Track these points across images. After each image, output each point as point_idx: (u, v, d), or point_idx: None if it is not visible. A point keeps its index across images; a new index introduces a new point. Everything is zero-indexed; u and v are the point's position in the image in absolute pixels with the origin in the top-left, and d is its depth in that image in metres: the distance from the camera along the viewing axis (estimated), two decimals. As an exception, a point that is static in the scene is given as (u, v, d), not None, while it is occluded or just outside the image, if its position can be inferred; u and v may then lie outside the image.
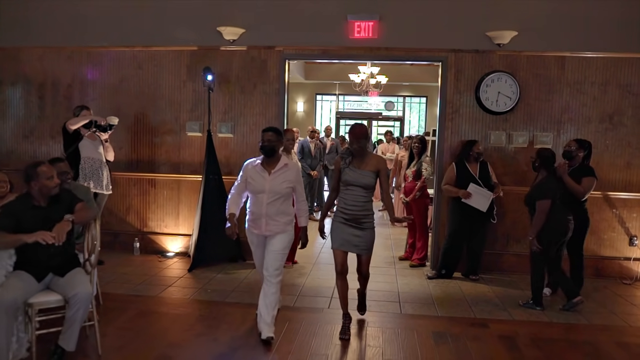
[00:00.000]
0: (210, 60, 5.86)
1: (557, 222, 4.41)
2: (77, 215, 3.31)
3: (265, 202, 3.70)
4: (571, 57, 5.52)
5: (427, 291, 5.01)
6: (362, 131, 3.73)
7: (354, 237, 3.73)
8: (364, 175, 3.68)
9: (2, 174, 4.26)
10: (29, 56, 6.27)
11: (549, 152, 4.57)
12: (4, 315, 2.96)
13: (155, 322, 4.05)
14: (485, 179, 5.20)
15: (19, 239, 3.12)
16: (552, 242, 4.43)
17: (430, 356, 3.53)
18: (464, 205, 5.14)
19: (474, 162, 5.23)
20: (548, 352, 3.68)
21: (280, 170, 3.75)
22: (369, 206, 3.78)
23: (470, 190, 5.13)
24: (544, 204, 4.35)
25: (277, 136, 3.78)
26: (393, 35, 5.65)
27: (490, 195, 5.14)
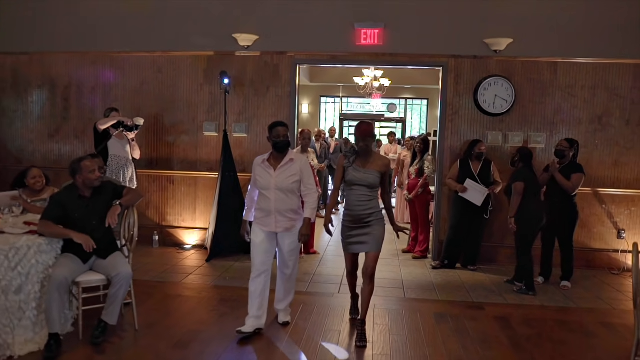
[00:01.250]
0: (226, 64, 6.27)
1: (533, 211, 4.90)
2: (126, 200, 3.72)
3: (273, 199, 3.69)
4: (563, 63, 5.93)
5: (428, 279, 5.41)
6: (369, 129, 3.64)
7: (361, 237, 3.67)
8: (369, 174, 3.61)
9: (37, 170, 4.66)
10: (55, 61, 6.68)
11: (527, 150, 5.13)
12: (56, 291, 3.36)
13: (181, 304, 4.45)
14: (485, 177, 5.59)
15: (67, 234, 3.51)
16: (529, 227, 4.91)
17: (432, 333, 3.93)
18: (462, 199, 5.56)
19: (475, 161, 5.63)
20: (538, 330, 4.08)
21: (286, 166, 3.72)
22: (374, 204, 3.70)
23: (466, 185, 5.54)
24: (518, 186, 4.87)
25: (287, 129, 3.78)
26: (397, 42, 6.06)
27: (485, 191, 5.54)
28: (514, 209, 4.91)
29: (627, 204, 5.98)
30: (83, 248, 3.51)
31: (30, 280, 3.39)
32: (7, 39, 6.67)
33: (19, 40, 6.64)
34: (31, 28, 6.61)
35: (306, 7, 6.12)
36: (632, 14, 5.75)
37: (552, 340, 3.89)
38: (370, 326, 3.93)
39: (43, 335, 3.42)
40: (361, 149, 3.64)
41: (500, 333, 3.99)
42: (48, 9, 6.54)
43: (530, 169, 5.01)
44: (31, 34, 6.61)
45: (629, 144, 5.93)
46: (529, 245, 4.97)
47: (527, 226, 4.91)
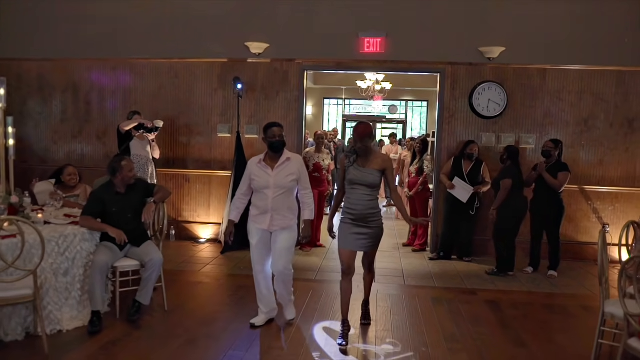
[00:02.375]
0: (239, 71, 6.74)
1: (516, 205, 5.47)
2: (158, 197, 4.19)
3: (271, 197, 3.73)
4: (551, 70, 6.39)
5: (427, 269, 5.88)
6: (366, 130, 3.63)
7: (361, 236, 3.67)
8: (369, 173, 3.62)
9: (72, 168, 5.14)
10: (77, 67, 7.16)
11: (515, 148, 5.71)
12: (98, 274, 3.84)
13: (202, 289, 4.93)
14: (474, 176, 6.05)
15: (104, 228, 3.98)
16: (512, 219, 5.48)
17: (428, 314, 4.40)
18: (451, 195, 6.04)
19: (467, 160, 6.09)
20: (524, 312, 4.54)
21: (283, 165, 3.78)
22: (375, 204, 3.71)
23: (454, 183, 6.00)
24: (506, 182, 5.40)
25: (282, 130, 3.82)
26: (398, 50, 6.52)
27: (471, 190, 5.99)
28: (498, 202, 5.46)
29: (611, 200, 6.44)
30: (117, 239, 3.99)
31: (76, 264, 3.86)
32: (33, 46, 7.12)
33: (44, 47, 7.09)
34: (55, 36, 7.07)
35: (313, 17, 6.58)
36: (615, 25, 6.20)
37: (536, 319, 4.36)
38: (373, 307, 4.38)
39: (86, 313, 3.89)
40: (360, 150, 3.63)
41: (490, 314, 4.45)
42: (72, 18, 6.99)
43: (517, 166, 5.51)
44: (55, 41, 7.06)
45: (613, 145, 6.40)
46: (513, 235, 5.52)
47: (511, 219, 5.43)
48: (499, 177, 5.56)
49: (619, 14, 6.20)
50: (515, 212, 5.49)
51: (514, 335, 3.98)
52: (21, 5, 7.10)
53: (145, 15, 6.85)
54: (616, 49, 6.22)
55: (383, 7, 6.48)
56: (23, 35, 7.10)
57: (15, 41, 7.11)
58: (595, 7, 6.23)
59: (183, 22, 6.79)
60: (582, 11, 6.24)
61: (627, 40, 6.18)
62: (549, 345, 3.81)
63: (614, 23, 6.21)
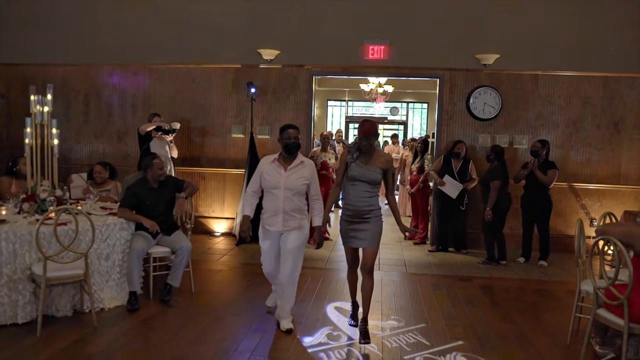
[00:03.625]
0: (252, 75, 7.23)
1: (502, 202, 6.00)
2: (188, 192, 4.69)
3: (282, 198, 3.77)
4: (543, 75, 6.89)
5: (427, 260, 6.37)
6: (371, 128, 3.64)
7: (359, 232, 3.70)
8: (371, 170, 3.64)
9: (99, 166, 5.61)
10: (99, 72, 7.65)
11: (500, 147, 6.20)
12: (136, 259, 4.33)
13: (223, 276, 5.43)
14: (463, 174, 6.51)
15: (139, 219, 4.46)
16: (498, 215, 6.01)
17: (428, 297, 4.89)
18: (441, 192, 6.54)
19: (456, 159, 6.57)
20: (515, 295, 5.04)
21: (296, 167, 3.82)
22: (374, 201, 3.73)
23: (444, 180, 6.49)
24: (496, 184, 5.90)
25: (298, 132, 3.89)
26: (400, 57, 7.01)
27: (460, 187, 6.47)
28: (492, 202, 5.93)
29: (598, 196, 6.93)
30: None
31: (115, 250, 4.35)
32: (58, 52, 7.62)
33: (69, 53, 7.58)
34: (79, 42, 7.56)
35: (321, 26, 7.07)
36: (601, 34, 6.69)
37: (525, 301, 4.85)
38: (377, 291, 4.87)
39: (124, 294, 4.38)
40: (364, 147, 3.64)
41: (483, 297, 4.95)
42: (95, 25, 7.48)
43: (503, 165, 6.01)
44: (80, 47, 7.55)
45: (599, 145, 6.89)
46: (500, 227, 6.08)
47: (497, 213, 5.97)
48: (488, 177, 6.05)
49: (605, 24, 6.69)
50: (501, 208, 6.01)
51: (504, 314, 4.47)
52: (46, 15, 7.58)
53: (164, 24, 7.34)
54: (602, 56, 6.71)
55: (386, 16, 6.97)
56: (48, 42, 7.58)
57: (41, 48, 7.60)
58: (583, 18, 6.71)
59: (199, 30, 7.27)
60: (571, 21, 6.73)
61: (612, 48, 6.67)
62: (534, 321, 4.30)
63: (600, 32, 6.69)
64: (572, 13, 6.73)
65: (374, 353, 3.58)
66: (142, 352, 3.52)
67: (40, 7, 7.58)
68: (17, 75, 7.83)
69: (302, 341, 3.75)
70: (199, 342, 3.70)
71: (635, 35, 6.65)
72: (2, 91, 7.92)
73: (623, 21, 6.66)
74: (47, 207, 4.40)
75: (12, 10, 7.65)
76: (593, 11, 6.71)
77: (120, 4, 7.43)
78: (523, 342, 3.86)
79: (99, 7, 7.49)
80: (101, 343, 3.66)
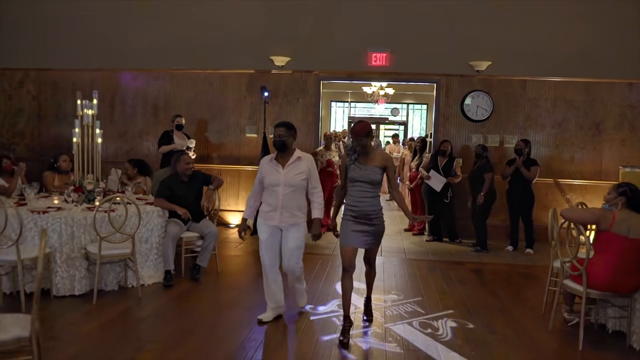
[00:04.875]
0: (264, 80, 7.89)
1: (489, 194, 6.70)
2: (215, 185, 5.35)
3: (282, 194, 3.86)
4: (531, 80, 7.54)
5: (424, 248, 7.03)
6: (363, 129, 3.62)
7: (364, 234, 3.70)
8: (370, 171, 3.65)
9: (128, 164, 6.25)
10: (123, 76, 8.32)
11: (485, 147, 6.94)
12: (170, 242, 4.99)
13: (243, 259, 6.09)
14: (447, 169, 7.12)
15: (173, 207, 5.10)
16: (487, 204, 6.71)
17: (425, 277, 5.55)
18: (428, 187, 7.21)
19: (442, 156, 7.21)
20: (502, 276, 5.70)
21: (294, 163, 3.90)
22: (377, 202, 3.74)
23: (430, 174, 7.16)
24: (490, 175, 6.61)
25: (288, 130, 3.90)
26: (400, 63, 7.68)
27: (444, 181, 7.11)
28: (486, 189, 6.62)
29: (581, 191, 7.58)
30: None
31: (153, 234, 5.01)
32: (85, 58, 8.27)
33: (95, 59, 8.23)
34: (105, 49, 8.21)
35: (328, 35, 7.73)
36: (584, 43, 7.34)
37: (510, 282, 5.51)
38: (380, 273, 5.52)
39: (160, 273, 5.04)
40: (358, 149, 3.66)
41: (474, 278, 5.61)
42: (120, 34, 8.14)
43: (489, 161, 6.71)
44: (105, 54, 8.21)
45: (582, 144, 7.55)
46: (486, 216, 6.75)
47: (485, 203, 6.65)
48: (481, 170, 6.71)
49: (586, 34, 7.33)
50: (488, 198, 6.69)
51: (490, 291, 5.14)
52: (74, 24, 8.22)
53: (184, 32, 7.99)
54: (585, 63, 7.36)
55: (388, 27, 7.63)
56: (76, 49, 8.23)
57: (69, 54, 8.24)
58: (567, 29, 7.36)
59: (217, 38, 7.93)
60: (556, 31, 7.38)
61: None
62: (516, 296, 4.97)
63: (583, 42, 7.34)
64: (557, 24, 7.38)
65: (377, 320, 4.23)
66: (182, 318, 4.18)
67: (68, 17, 8.22)
68: (47, 80, 8.50)
69: (317, 309, 4.41)
70: (229, 310, 4.36)
71: (613, 45, 7.29)
72: (33, 94, 8.58)
73: (603, 32, 7.31)
74: (94, 197, 5.07)
75: (43, 20, 8.30)
76: (576, 23, 7.35)
77: (143, 15, 8.08)
78: (504, 311, 4.53)
79: (123, 18, 8.13)
80: (146, 310, 4.33)
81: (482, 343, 3.81)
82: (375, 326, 4.08)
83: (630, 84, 7.43)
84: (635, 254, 3.61)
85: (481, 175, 6.71)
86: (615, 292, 3.71)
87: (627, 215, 3.66)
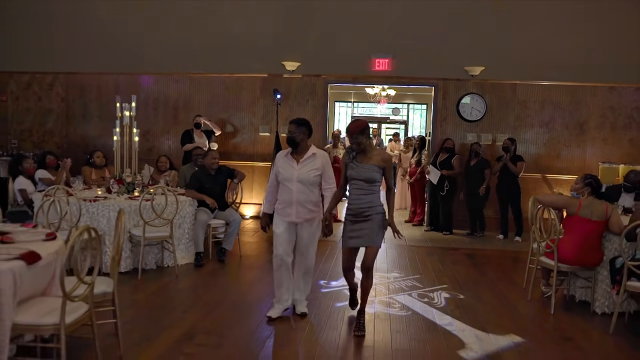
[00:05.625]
0: (277, 83, 8.59)
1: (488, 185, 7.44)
2: (238, 178, 6.07)
3: (295, 190, 3.93)
4: (520, 84, 8.26)
5: (423, 237, 7.76)
6: (356, 127, 3.67)
7: (360, 231, 3.72)
8: (366, 169, 3.66)
9: (164, 157, 6.98)
10: (145, 80, 9.03)
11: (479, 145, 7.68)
12: (200, 227, 5.71)
13: (261, 245, 6.82)
14: (445, 164, 7.78)
15: (203, 197, 5.82)
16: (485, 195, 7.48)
17: (423, 260, 6.27)
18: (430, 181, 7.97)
19: (443, 152, 7.91)
20: (490, 259, 6.43)
21: (308, 160, 3.96)
22: (373, 198, 3.73)
23: (429, 169, 7.90)
24: (489, 172, 7.40)
25: (298, 127, 3.94)
26: (401, 68, 8.38)
27: (439, 173, 7.82)
28: (487, 182, 7.44)
29: (567, 185, 8.23)
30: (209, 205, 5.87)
31: (185, 220, 5.72)
32: (110, 63, 8.96)
33: (120, 63, 8.93)
34: (128, 54, 8.89)
35: (335, 42, 8.43)
36: (568, 49, 8.01)
37: (499, 264, 6.24)
38: (383, 255, 6.23)
39: (191, 255, 5.76)
40: (354, 147, 3.71)
41: (467, 260, 6.34)
42: (142, 40, 8.83)
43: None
44: (128, 58, 8.89)
45: (567, 143, 8.26)
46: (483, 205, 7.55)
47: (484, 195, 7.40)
48: (481, 166, 7.54)
49: (571, 42, 8.01)
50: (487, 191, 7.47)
51: (480, 270, 5.87)
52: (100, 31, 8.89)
53: (202, 39, 8.67)
54: (569, 68, 8.06)
55: (390, 35, 8.33)
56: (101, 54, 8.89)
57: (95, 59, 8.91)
58: (552, 37, 8.04)
59: (232, 45, 8.61)
60: (543, 38, 8.05)
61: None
62: (502, 275, 5.70)
63: (567, 49, 8.02)
64: (544, 33, 8.06)
65: (382, 291, 4.95)
66: (215, 290, 4.90)
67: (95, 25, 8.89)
68: (74, 83, 9.21)
69: (330, 284, 5.14)
70: (255, 285, 5.09)
71: (595, 52, 7.97)
72: (62, 96, 9.29)
73: (586, 40, 7.99)
74: (133, 188, 5.79)
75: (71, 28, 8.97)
76: (560, 31, 8.01)
77: (164, 24, 8.75)
78: (491, 286, 5.26)
79: (145, 26, 8.80)
80: (184, 284, 5.06)
81: (471, 309, 4.53)
82: (380, 296, 4.80)
83: (612, 87, 8.14)
84: (597, 234, 4.33)
85: (480, 171, 7.47)
86: (581, 266, 4.43)
87: (591, 202, 4.38)
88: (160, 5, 8.70)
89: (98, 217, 5.15)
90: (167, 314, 4.25)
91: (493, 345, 3.76)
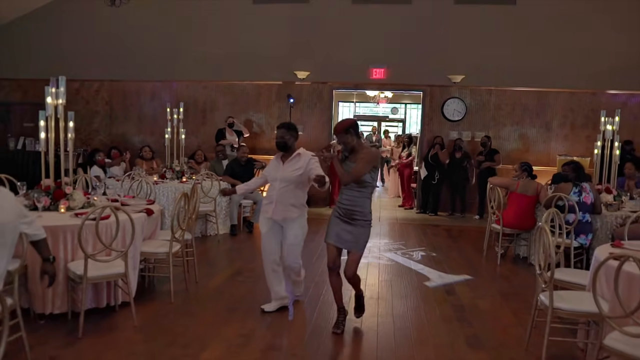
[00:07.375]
0: (289, 90, 10.17)
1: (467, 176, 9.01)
2: (258, 167, 7.68)
3: (277, 188, 4.06)
4: (495, 90, 9.82)
5: (413, 217, 9.36)
6: (341, 127, 3.69)
7: (345, 232, 3.71)
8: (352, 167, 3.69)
9: (200, 152, 8.60)
10: (179, 86, 10.64)
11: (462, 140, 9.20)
12: (235, 205, 7.32)
13: (279, 223, 8.42)
14: (435, 157, 9.38)
15: (235, 182, 7.40)
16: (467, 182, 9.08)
17: (409, 232, 7.86)
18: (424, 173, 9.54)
19: (433, 148, 9.49)
20: (464, 232, 8.03)
21: (293, 160, 4.07)
22: (363, 202, 3.71)
23: (421, 172, 9.50)
24: (471, 163, 8.95)
25: (288, 131, 4.07)
26: (395, 76, 9.95)
27: (424, 171, 9.40)
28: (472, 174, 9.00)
29: (534, 175, 9.83)
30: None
31: (223, 199, 7.33)
32: (148, 71, 10.57)
33: (156, 71, 10.53)
34: (163, 64, 10.48)
35: (339, 55, 9.99)
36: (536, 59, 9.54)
37: (470, 235, 7.83)
38: (377, 228, 7.81)
39: (226, 226, 7.37)
40: (342, 146, 3.76)
41: (445, 233, 7.94)
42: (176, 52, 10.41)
43: None
44: (163, 67, 10.49)
45: (535, 139, 9.84)
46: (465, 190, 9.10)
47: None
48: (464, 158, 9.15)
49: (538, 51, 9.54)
50: None
51: (454, 239, 7.49)
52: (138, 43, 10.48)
53: (226, 50, 10.25)
54: (537, 76, 9.59)
55: (385, 48, 9.90)
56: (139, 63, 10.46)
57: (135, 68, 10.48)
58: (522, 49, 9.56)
59: (252, 56, 10.15)
60: (515, 51, 9.59)
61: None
62: (469, 242, 7.31)
63: (535, 58, 9.54)
64: (516, 44, 9.58)
65: (373, 251, 6.54)
66: (244, 255, 6.48)
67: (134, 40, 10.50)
68: (117, 89, 10.84)
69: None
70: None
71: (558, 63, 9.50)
72: (106, 99, 10.91)
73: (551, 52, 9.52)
74: (181, 175, 7.41)
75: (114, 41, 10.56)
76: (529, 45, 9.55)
77: (194, 37, 10.35)
78: (458, 249, 6.88)
79: (177, 39, 10.38)
80: (225, 247, 6.71)
81: (439, 262, 6.13)
82: (372, 253, 6.40)
83: (572, 92, 9.69)
84: (531, 205, 5.93)
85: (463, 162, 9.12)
86: (520, 229, 6.03)
87: (526, 182, 5.98)
88: (189, 24, 10.30)
89: (159, 195, 6.77)
90: (219, 262, 5.98)
91: (450, 280, 5.37)
